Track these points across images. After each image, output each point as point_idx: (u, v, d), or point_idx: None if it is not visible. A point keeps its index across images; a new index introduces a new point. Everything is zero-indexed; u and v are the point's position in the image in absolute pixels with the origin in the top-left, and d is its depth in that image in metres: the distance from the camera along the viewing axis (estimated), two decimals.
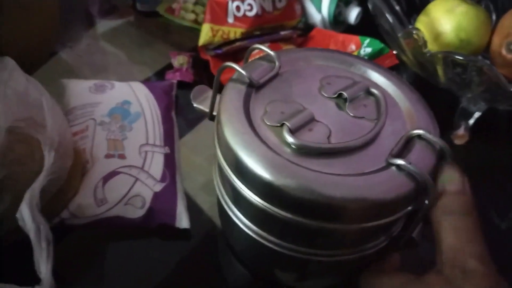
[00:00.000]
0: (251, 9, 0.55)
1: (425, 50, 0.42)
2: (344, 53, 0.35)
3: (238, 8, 0.54)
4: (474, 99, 0.46)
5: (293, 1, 0.58)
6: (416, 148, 0.27)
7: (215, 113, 0.32)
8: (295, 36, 0.58)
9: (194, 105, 0.35)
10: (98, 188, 0.37)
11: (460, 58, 0.39)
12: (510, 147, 0.51)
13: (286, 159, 0.25)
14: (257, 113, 0.29)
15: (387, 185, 0.25)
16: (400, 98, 0.31)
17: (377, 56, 0.51)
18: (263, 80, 0.31)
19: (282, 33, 0.56)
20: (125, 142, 0.41)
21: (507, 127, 0.52)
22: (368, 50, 0.51)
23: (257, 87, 0.30)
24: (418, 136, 0.27)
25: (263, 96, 0.30)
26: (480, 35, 0.49)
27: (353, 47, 0.53)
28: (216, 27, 0.54)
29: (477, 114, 0.49)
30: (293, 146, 0.26)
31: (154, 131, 0.43)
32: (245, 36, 0.55)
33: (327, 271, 0.33)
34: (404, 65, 0.54)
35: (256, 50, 0.33)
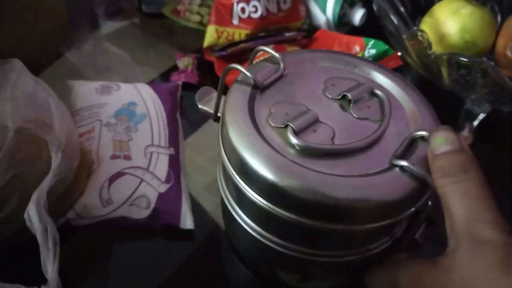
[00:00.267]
0: (256, 11, 0.55)
1: (430, 52, 0.42)
2: (349, 55, 0.35)
3: (243, 10, 0.54)
4: (479, 101, 0.46)
5: (298, 3, 0.58)
6: (420, 150, 0.27)
7: (220, 115, 0.32)
8: (300, 38, 0.58)
9: (199, 106, 0.35)
10: (104, 189, 0.38)
11: (465, 60, 0.39)
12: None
13: (290, 160, 0.26)
14: (262, 115, 0.29)
15: (391, 186, 0.25)
16: (404, 100, 0.31)
17: (382, 58, 0.51)
18: (268, 82, 0.31)
19: (287, 35, 0.56)
20: (131, 143, 0.41)
21: (511, 129, 0.52)
22: (373, 52, 0.51)
23: (262, 89, 0.31)
24: (422, 138, 0.27)
25: (268, 98, 0.30)
26: (485, 37, 0.49)
27: (358, 49, 0.53)
28: (221, 29, 0.55)
29: (481, 116, 0.49)
30: (297, 147, 0.26)
31: (159, 132, 0.43)
32: (250, 38, 0.55)
33: (330, 272, 0.33)
34: (408, 67, 0.54)
35: (261, 52, 0.34)
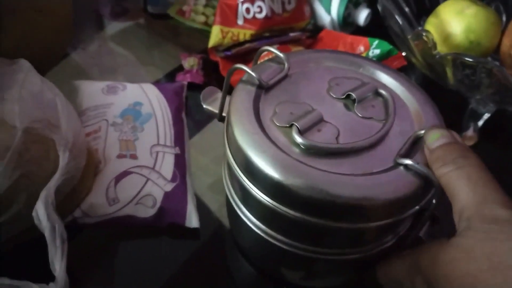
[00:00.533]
0: (261, 11, 0.55)
1: (435, 52, 0.42)
2: (353, 55, 0.35)
3: (248, 10, 0.55)
4: (483, 101, 0.46)
5: (302, 3, 0.59)
6: (423, 148, 0.27)
7: (225, 114, 0.33)
8: (304, 38, 0.58)
9: (204, 106, 0.35)
10: (110, 188, 0.38)
11: (470, 60, 0.39)
12: None
13: (295, 159, 0.26)
14: (267, 114, 0.29)
15: (395, 185, 0.25)
16: (408, 99, 0.31)
17: (386, 58, 0.51)
18: (272, 82, 0.31)
19: (291, 35, 0.56)
20: (137, 143, 0.42)
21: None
22: (377, 52, 0.51)
23: (267, 89, 0.31)
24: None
25: (273, 97, 0.31)
26: (490, 37, 0.49)
27: (362, 49, 0.53)
28: (226, 29, 0.55)
29: (486, 116, 0.49)
30: (302, 147, 0.27)
31: (165, 132, 0.44)
32: (255, 38, 0.55)
33: (335, 270, 0.33)
34: (413, 67, 0.54)
35: (266, 52, 0.34)
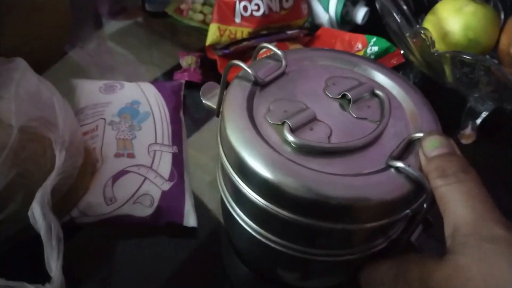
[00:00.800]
0: (258, 9, 0.55)
1: (433, 50, 0.42)
2: (351, 54, 0.35)
3: (246, 8, 0.54)
4: (482, 99, 0.46)
5: (300, 1, 0.58)
6: (417, 151, 0.27)
7: None
8: (302, 36, 0.58)
9: (203, 102, 0.35)
10: (108, 187, 0.38)
11: (468, 58, 0.39)
12: None
13: (285, 157, 0.26)
14: (261, 111, 0.29)
15: (385, 187, 0.25)
16: (405, 100, 0.31)
17: (384, 55, 0.51)
18: (269, 79, 0.31)
19: (289, 33, 0.56)
20: (134, 142, 0.41)
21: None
22: (375, 49, 0.51)
23: (262, 86, 0.31)
24: (420, 139, 0.27)
25: (268, 94, 0.30)
26: (489, 35, 0.49)
27: (360, 46, 0.53)
28: (224, 27, 0.55)
29: (484, 114, 0.49)
30: (293, 145, 0.26)
31: (163, 131, 0.44)
32: (252, 36, 0.55)
33: (329, 271, 0.33)
34: (411, 65, 0.54)
35: (264, 49, 0.34)
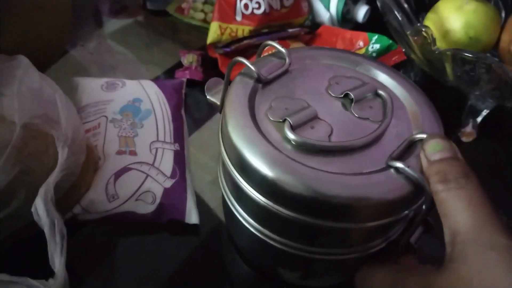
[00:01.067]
0: (259, 7, 0.55)
1: (434, 48, 0.42)
2: (355, 54, 0.35)
3: (246, 6, 0.55)
4: (483, 97, 0.46)
5: None
6: (418, 152, 0.26)
7: None
8: (303, 34, 0.58)
9: (207, 97, 0.35)
10: (110, 184, 0.38)
11: (469, 56, 0.39)
12: None
13: (285, 155, 0.26)
14: (262, 108, 0.29)
15: (384, 186, 0.25)
16: (408, 101, 0.31)
17: (385, 52, 0.51)
18: (272, 76, 0.31)
19: (290, 31, 0.56)
20: (136, 139, 0.42)
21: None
22: (377, 47, 0.51)
23: (265, 83, 0.31)
24: (421, 140, 0.27)
25: (270, 92, 0.30)
26: (489, 33, 0.49)
27: (361, 44, 0.53)
28: (224, 25, 0.55)
29: (485, 112, 0.49)
30: (293, 142, 0.26)
31: (164, 128, 0.44)
32: (253, 34, 0.55)
33: (329, 270, 0.33)
34: (412, 63, 0.54)
35: (268, 47, 0.34)
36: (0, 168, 0.30)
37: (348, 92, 0.30)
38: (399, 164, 0.25)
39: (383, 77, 0.32)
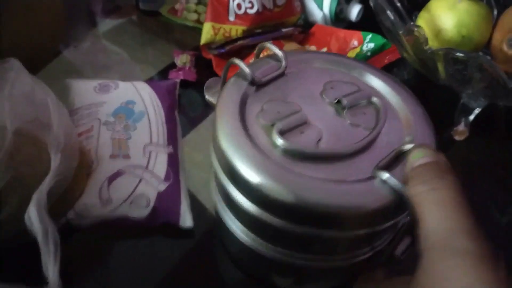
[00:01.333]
0: (252, 7, 0.55)
1: (426, 47, 0.42)
2: (354, 59, 0.34)
3: (239, 6, 0.54)
4: (475, 95, 0.46)
5: None
6: (405, 163, 0.26)
7: None
8: (296, 33, 0.58)
9: (206, 97, 0.35)
10: (103, 188, 0.38)
11: (461, 55, 0.39)
12: (509, 143, 0.51)
13: (270, 159, 0.25)
14: (254, 111, 0.29)
15: (367, 196, 0.25)
16: (402, 110, 0.30)
17: (380, 51, 0.52)
18: (266, 79, 0.31)
19: (284, 31, 0.56)
20: (130, 142, 0.41)
21: (506, 123, 0.53)
22: (371, 46, 0.51)
23: (259, 85, 0.31)
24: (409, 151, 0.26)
25: (264, 94, 0.30)
26: (482, 31, 0.49)
27: (356, 43, 0.53)
28: (218, 26, 0.55)
29: (477, 110, 0.49)
30: (281, 147, 0.26)
31: (158, 131, 0.44)
32: (247, 34, 0.55)
33: (321, 276, 0.33)
34: (405, 62, 0.55)
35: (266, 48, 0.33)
36: None
37: (342, 98, 0.29)
38: (385, 175, 0.25)
39: (379, 84, 0.32)
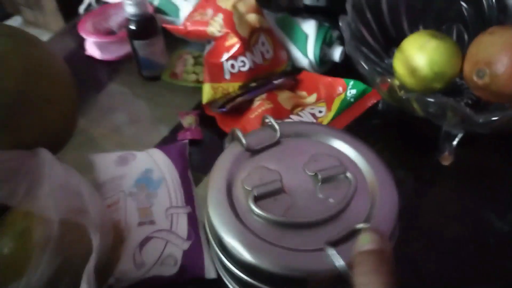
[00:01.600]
0: (244, 65, 0.61)
1: (400, 94, 0.47)
2: (347, 133, 0.37)
3: (233, 66, 0.60)
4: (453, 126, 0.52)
5: (278, 50, 0.64)
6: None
7: None
8: (287, 83, 0.63)
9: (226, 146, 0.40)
10: (136, 254, 0.44)
11: (431, 101, 0.44)
12: (497, 153, 0.57)
13: (241, 223, 0.30)
14: (241, 175, 0.33)
15: (314, 266, 0.28)
16: (374, 188, 0.32)
17: (362, 96, 0.57)
18: (259, 147, 0.36)
19: (275, 82, 0.61)
20: (153, 209, 0.47)
21: (492, 135, 0.57)
22: (353, 92, 0.56)
23: (254, 152, 0.35)
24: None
25: (255, 161, 0.35)
26: (452, 65, 0.54)
27: (341, 89, 0.58)
28: (216, 85, 0.61)
29: (460, 135, 0.54)
30: (254, 212, 0.31)
31: (176, 193, 0.49)
32: (244, 90, 0.60)
33: None
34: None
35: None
36: (46, 261, 0.36)
37: (318, 172, 0.32)
38: (330, 250, 0.28)
39: (362, 162, 0.34)
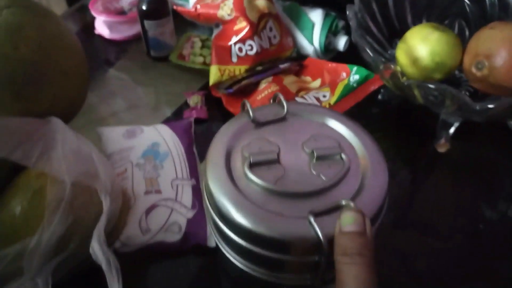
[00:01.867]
0: (252, 49, 0.62)
1: (402, 80, 0.49)
2: (350, 120, 0.38)
3: (241, 50, 0.62)
4: (451, 114, 0.54)
5: (285, 36, 0.66)
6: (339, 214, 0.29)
7: None
8: (292, 67, 0.65)
9: None
10: (142, 220, 0.45)
11: (432, 87, 0.46)
12: (492, 146, 0.58)
13: (237, 188, 0.32)
14: (243, 143, 0.35)
15: (294, 231, 0.29)
16: (366, 172, 0.33)
17: (364, 81, 0.59)
18: (265, 120, 0.37)
19: (281, 67, 0.63)
20: (159, 179, 0.49)
21: (487, 128, 0.59)
22: (356, 77, 0.58)
23: (259, 124, 0.37)
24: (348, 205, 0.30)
25: (259, 132, 0.37)
26: (453, 57, 0.56)
27: (344, 75, 0.60)
28: (223, 67, 0.62)
29: (457, 124, 0.56)
30: (247, 177, 0.32)
31: (181, 167, 0.51)
32: (250, 72, 0.62)
33: None
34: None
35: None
36: (58, 221, 0.38)
37: (315, 150, 0.34)
38: (311, 218, 0.29)
39: (359, 146, 0.35)
